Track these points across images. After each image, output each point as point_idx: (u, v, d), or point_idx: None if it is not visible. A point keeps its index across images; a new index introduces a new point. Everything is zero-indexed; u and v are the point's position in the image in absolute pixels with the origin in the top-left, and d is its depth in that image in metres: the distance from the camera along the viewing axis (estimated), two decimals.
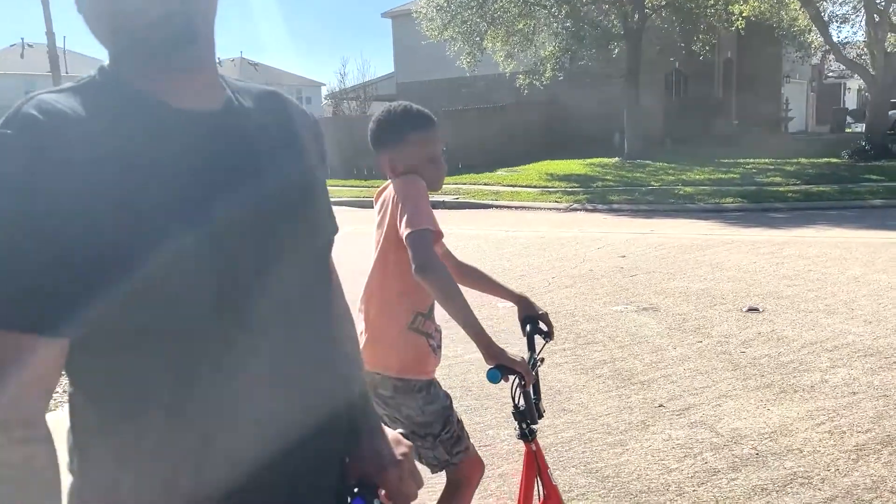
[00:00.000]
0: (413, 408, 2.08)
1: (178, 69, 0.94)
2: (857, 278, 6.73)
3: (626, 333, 5.41)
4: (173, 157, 0.90)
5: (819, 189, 13.21)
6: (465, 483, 2.17)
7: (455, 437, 2.12)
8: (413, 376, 2.08)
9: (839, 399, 3.98)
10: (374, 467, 1.12)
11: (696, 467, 3.31)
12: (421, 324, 2.08)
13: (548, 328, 2.21)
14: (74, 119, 0.85)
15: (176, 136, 0.92)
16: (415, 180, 2.04)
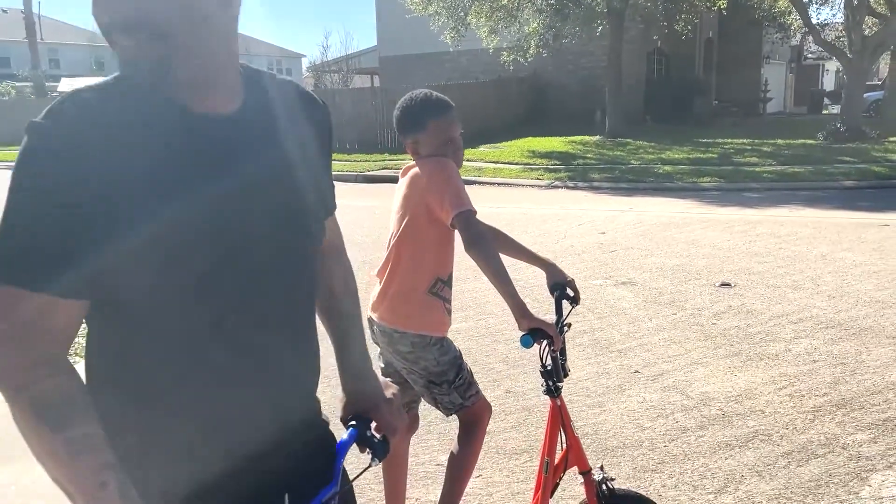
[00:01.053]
0: (430, 360, 2.35)
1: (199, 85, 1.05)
2: (824, 256, 7.07)
3: (604, 305, 5.69)
4: (187, 157, 1.02)
5: (794, 170, 13.56)
6: (477, 423, 2.45)
7: (467, 383, 2.40)
8: (430, 333, 2.34)
9: (801, 366, 4.30)
10: (368, 404, 1.32)
11: (667, 426, 3.60)
12: (440, 289, 2.35)
13: (574, 294, 2.44)
14: (104, 118, 0.98)
15: (193, 138, 1.04)
16: (446, 163, 2.30)
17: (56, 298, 0.96)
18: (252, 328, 1.10)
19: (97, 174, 0.95)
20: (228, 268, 1.07)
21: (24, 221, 0.95)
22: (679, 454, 3.31)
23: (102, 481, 0.95)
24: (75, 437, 0.95)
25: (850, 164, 13.82)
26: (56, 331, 0.99)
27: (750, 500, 2.91)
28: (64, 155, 0.94)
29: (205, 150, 1.05)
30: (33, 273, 0.95)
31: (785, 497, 2.92)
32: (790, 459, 3.22)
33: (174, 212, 0.99)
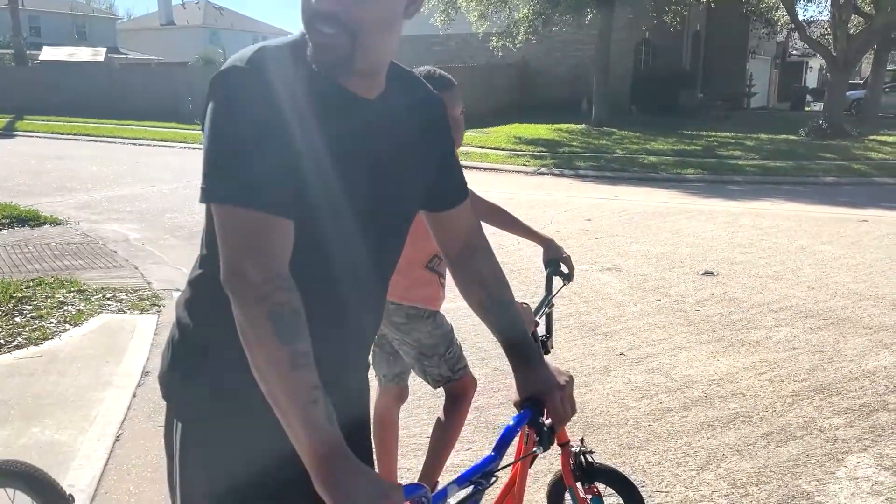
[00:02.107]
0: (423, 332, 2.42)
1: (363, 74, 1.21)
2: (804, 248, 7.22)
3: (590, 290, 5.78)
4: (342, 123, 1.19)
5: (776, 164, 13.75)
6: (463, 396, 2.51)
7: (456, 357, 2.47)
8: (425, 306, 2.40)
9: (780, 353, 4.42)
10: (542, 388, 1.35)
11: (651, 406, 3.69)
12: (436, 265, 2.41)
13: (569, 270, 2.50)
14: (289, 72, 1.14)
15: (343, 110, 1.20)
16: None
17: (281, 219, 1.09)
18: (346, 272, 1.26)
19: (284, 114, 1.10)
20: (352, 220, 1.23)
21: (241, 150, 1.08)
22: (663, 433, 3.41)
23: (315, 398, 1.02)
24: (298, 351, 1.03)
25: (831, 161, 14.04)
26: (284, 248, 1.10)
27: (731, 477, 3.01)
28: (262, 93, 1.10)
29: (351, 122, 1.20)
30: (265, 195, 1.08)
31: (764, 475, 3.03)
32: (769, 440, 3.33)
33: (323, 158, 1.15)
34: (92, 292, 5.40)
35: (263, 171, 1.08)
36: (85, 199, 10.37)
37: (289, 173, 1.11)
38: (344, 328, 1.30)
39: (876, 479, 2.99)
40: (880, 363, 4.24)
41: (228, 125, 1.09)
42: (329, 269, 1.24)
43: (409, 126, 1.30)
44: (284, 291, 1.06)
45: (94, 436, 3.18)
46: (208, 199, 1.10)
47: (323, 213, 1.18)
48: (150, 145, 18.46)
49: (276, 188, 1.09)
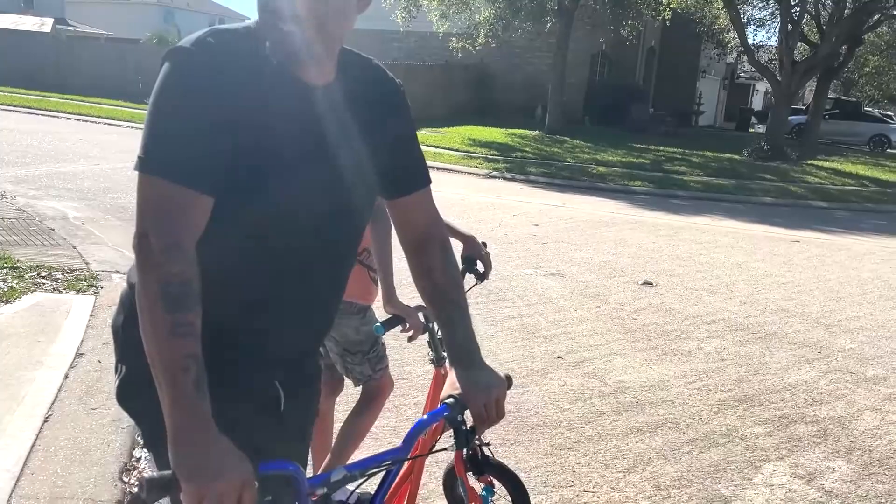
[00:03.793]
0: (350, 327, 2.43)
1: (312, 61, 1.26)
2: (739, 265, 7.49)
3: (533, 294, 5.89)
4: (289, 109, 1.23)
5: (719, 182, 14.20)
6: (379, 395, 2.56)
7: (379, 356, 2.51)
8: (355, 300, 2.41)
9: (710, 364, 4.59)
10: (469, 389, 1.34)
11: (585, 409, 3.80)
12: (365, 257, 2.42)
13: (484, 269, 2.54)
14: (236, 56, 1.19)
15: (293, 96, 1.24)
16: None
17: (195, 192, 1.15)
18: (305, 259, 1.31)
19: (227, 96, 1.16)
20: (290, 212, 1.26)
21: (174, 125, 1.15)
22: (594, 435, 3.51)
23: (186, 366, 1.08)
24: (179, 320, 1.10)
25: (770, 182, 14.57)
26: (192, 221, 1.16)
27: (655, 480, 3.13)
28: (205, 75, 1.15)
29: (297, 108, 1.25)
30: (184, 169, 1.14)
31: (686, 479, 3.15)
32: (694, 446, 3.47)
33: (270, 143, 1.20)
34: (26, 269, 5.24)
35: (185, 147, 1.14)
36: (23, 173, 10.01)
37: (217, 153, 1.15)
38: (298, 305, 1.33)
39: (790, 487, 3.15)
40: (801, 377, 4.45)
41: (161, 100, 1.15)
42: (277, 248, 1.27)
43: (361, 111, 1.32)
44: (179, 263, 1.12)
45: (22, 416, 3.10)
46: (136, 167, 1.16)
47: (268, 194, 1.21)
48: (95, 122, 17.92)
49: (196, 165, 1.14)
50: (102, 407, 3.32)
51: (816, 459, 3.41)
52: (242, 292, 1.29)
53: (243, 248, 1.26)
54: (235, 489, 1.04)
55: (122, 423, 3.20)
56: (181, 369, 1.08)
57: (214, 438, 1.07)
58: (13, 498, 2.54)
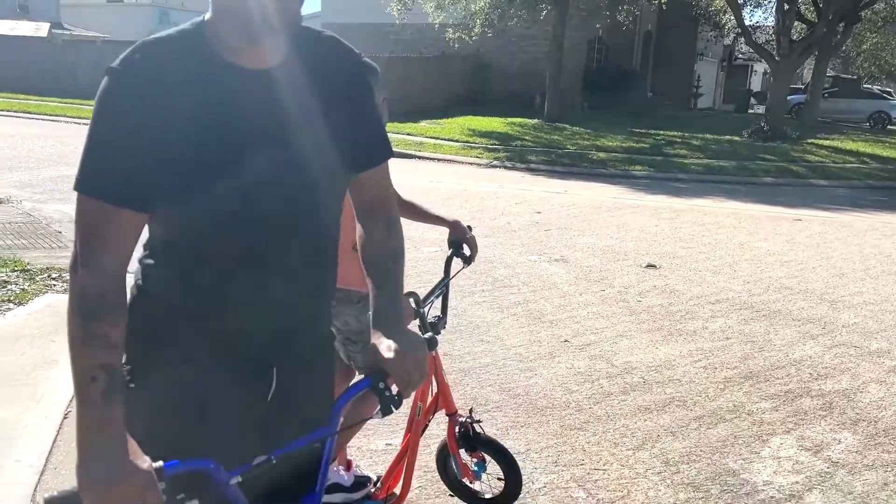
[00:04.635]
0: (350, 315, 2.45)
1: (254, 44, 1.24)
2: (742, 245, 7.53)
3: (538, 280, 5.94)
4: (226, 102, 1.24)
5: (719, 164, 14.21)
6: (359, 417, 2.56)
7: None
8: (353, 287, 2.43)
9: (715, 342, 4.64)
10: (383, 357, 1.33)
11: (593, 390, 3.86)
12: None
13: (471, 252, 2.57)
14: (164, 66, 1.21)
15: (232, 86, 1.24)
16: None
17: (119, 209, 1.19)
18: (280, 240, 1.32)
19: (156, 111, 1.19)
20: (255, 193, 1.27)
21: (102, 146, 1.19)
22: (603, 415, 3.57)
23: (94, 376, 1.12)
24: (93, 332, 1.14)
25: (771, 162, 14.58)
26: (113, 236, 1.20)
27: (664, 456, 3.19)
28: (131, 95, 1.19)
29: (241, 98, 1.25)
30: (111, 188, 1.18)
31: (695, 454, 3.21)
32: (701, 422, 3.52)
33: (207, 146, 1.22)
34: (36, 272, 5.30)
35: (110, 166, 1.18)
36: (27, 178, 10.06)
37: (144, 168, 1.18)
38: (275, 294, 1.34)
39: (797, 459, 3.20)
40: (806, 353, 4.50)
41: (93, 122, 1.20)
42: (242, 238, 1.29)
43: (314, 91, 1.31)
44: (95, 277, 1.17)
45: (42, 413, 3.17)
46: (74, 188, 1.20)
47: (219, 188, 1.23)
48: None
49: (119, 182, 1.18)
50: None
51: (823, 431, 3.46)
52: (217, 280, 1.30)
53: (207, 240, 1.28)
54: (135, 493, 1.06)
55: None
56: (90, 378, 1.12)
57: (115, 443, 1.09)
58: (38, 492, 2.61)
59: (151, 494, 1.07)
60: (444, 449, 2.72)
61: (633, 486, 2.94)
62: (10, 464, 2.73)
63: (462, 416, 2.62)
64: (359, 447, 3.12)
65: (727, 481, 2.99)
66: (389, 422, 3.26)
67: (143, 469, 1.08)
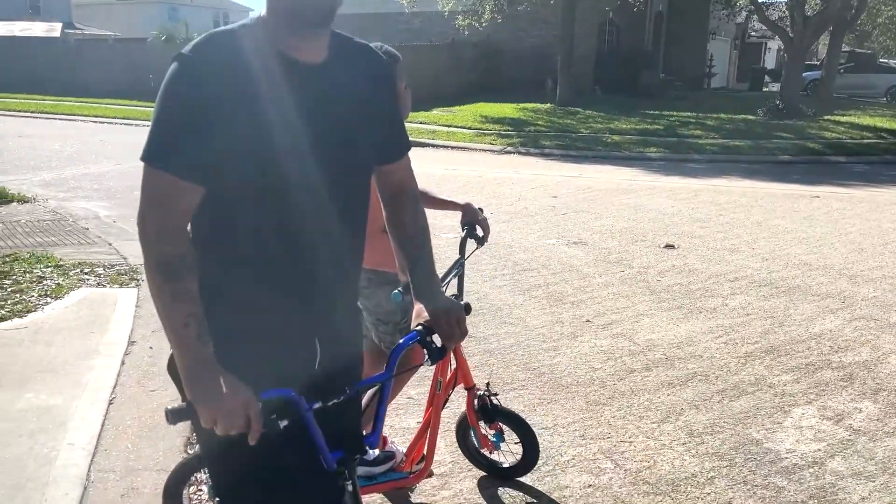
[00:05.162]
0: (382, 297, 2.55)
1: (308, 37, 1.40)
2: (759, 223, 7.56)
3: (557, 263, 6.02)
4: (284, 92, 1.38)
5: (735, 143, 14.16)
6: (407, 365, 2.68)
7: (409, 328, 2.62)
8: (386, 269, 2.53)
9: (735, 319, 4.71)
10: (432, 315, 1.62)
11: (616, 367, 3.94)
12: None
13: (483, 233, 2.66)
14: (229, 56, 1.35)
15: (288, 79, 1.39)
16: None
17: (184, 182, 1.34)
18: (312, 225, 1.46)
19: (219, 95, 1.32)
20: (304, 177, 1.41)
21: (167, 123, 1.33)
22: (627, 391, 3.66)
23: (186, 323, 1.32)
24: (177, 288, 1.33)
25: (787, 140, 14.50)
26: (181, 207, 1.36)
27: (688, 428, 3.28)
28: (200, 79, 1.33)
29: (300, 89, 1.39)
30: (176, 162, 1.33)
31: (719, 426, 3.29)
32: (724, 395, 3.60)
33: (264, 130, 1.37)
34: (69, 267, 5.45)
35: (179, 142, 1.32)
36: (50, 177, 10.25)
37: (209, 147, 1.32)
38: (319, 269, 1.50)
39: (819, 428, 3.28)
40: (826, 327, 4.56)
41: (162, 102, 1.33)
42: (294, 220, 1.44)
43: (356, 88, 1.49)
44: (169, 242, 1.33)
45: (88, 400, 3.31)
46: (140, 158, 1.34)
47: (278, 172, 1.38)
48: (112, 123, 18.17)
49: (186, 158, 1.32)
50: (161, 389, 3.51)
51: (844, 401, 3.54)
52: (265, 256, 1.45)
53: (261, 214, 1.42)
54: (242, 407, 1.28)
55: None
56: (183, 326, 1.32)
57: (217, 373, 1.31)
58: (92, 472, 2.74)
59: (253, 408, 1.28)
60: (464, 422, 2.84)
61: (659, 456, 3.04)
62: (63, 447, 2.87)
63: (480, 389, 2.72)
64: (391, 425, 3.23)
65: (751, 450, 3.08)
66: (419, 401, 3.37)
67: (244, 387, 1.31)
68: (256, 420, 1.29)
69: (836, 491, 2.78)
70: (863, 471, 2.92)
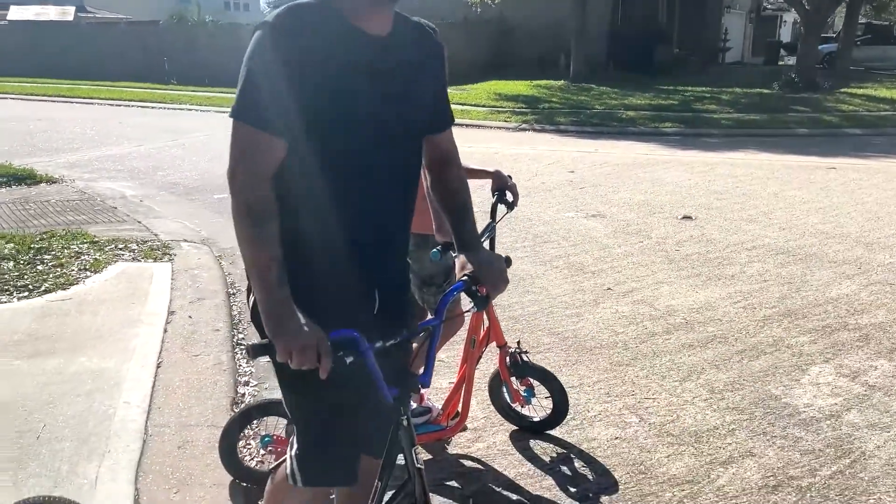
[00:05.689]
0: (425, 260, 2.70)
1: (378, 10, 1.54)
2: (776, 194, 7.63)
3: (577, 235, 6.14)
4: (357, 61, 1.52)
5: (751, 117, 14.14)
6: (450, 325, 2.83)
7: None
8: (429, 233, 2.68)
9: (753, 285, 4.82)
10: (477, 266, 1.76)
11: (637, 331, 4.08)
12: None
13: (513, 198, 2.81)
14: (307, 25, 1.49)
15: (359, 48, 1.53)
16: None
17: (270, 136, 1.47)
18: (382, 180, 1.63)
19: (300, 60, 1.46)
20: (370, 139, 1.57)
21: (254, 83, 1.46)
22: (649, 352, 3.80)
23: (269, 266, 1.46)
24: (262, 233, 1.47)
25: (804, 114, 14.45)
26: (266, 159, 1.49)
27: (709, 385, 3.42)
28: (281, 45, 1.46)
29: (365, 56, 1.54)
30: (262, 117, 1.46)
31: (738, 383, 3.43)
32: (743, 356, 3.73)
33: (343, 88, 1.50)
34: (104, 243, 5.64)
35: (264, 99, 1.45)
36: (74, 158, 10.46)
37: (291, 104, 1.45)
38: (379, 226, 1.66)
39: (835, 385, 3.41)
40: (843, 291, 4.66)
41: (248, 64, 1.46)
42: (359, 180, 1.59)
43: (415, 58, 1.64)
44: (258, 190, 1.47)
45: (137, 364, 3.49)
46: (229, 115, 1.47)
47: (347, 134, 1.53)
48: (129, 106, 18.35)
49: (272, 113, 1.45)
50: (203, 354, 3.69)
51: (859, 360, 3.66)
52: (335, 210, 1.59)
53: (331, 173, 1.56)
54: (314, 343, 1.42)
55: (222, 367, 3.57)
56: (266, 269, 1.46)
57: (294, 313, 1.46)
58: (149, 427, 2.92)
59: (324, 345, 1.43)
60: (497, 378, 3.00)
61: (681, 411, 3.18)
62: (120, 405, 3.05)
63: (511, 347, 2.88)
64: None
65: (770, 405, 3.22)
66: (450, 364, 3.53)
67: (316, 327, 1.45)
68: (327, 355, 1.43)
69: (851, 441, 2.92)
70: (878, 422, 3.05)
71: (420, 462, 1.58)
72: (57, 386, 3.23)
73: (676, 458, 2.82)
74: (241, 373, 3.57)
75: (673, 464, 2.78)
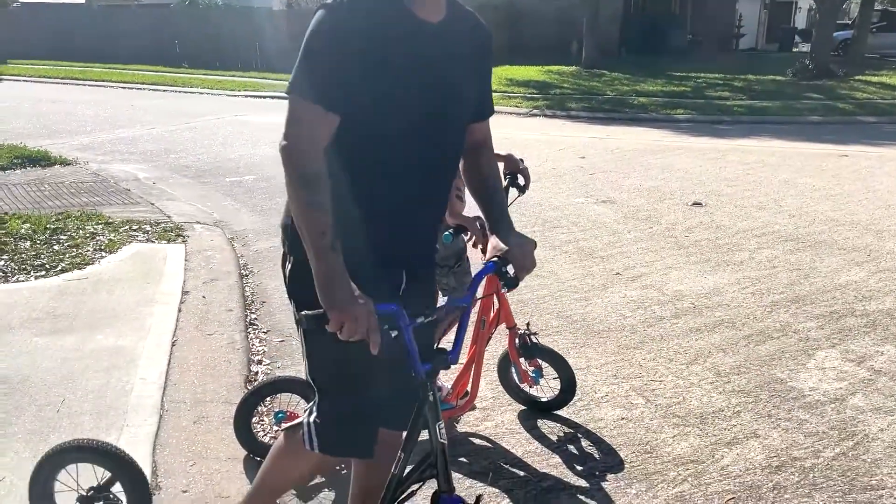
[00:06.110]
0: (440, 242, 2.74)
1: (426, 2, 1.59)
2: (786, 181, 7.62)
3: (587, 220, 6.16)
4: (410, 46, 1.58)
5: (764, 105, 14.04)
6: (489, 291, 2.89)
7: (465, 271, 2.88)
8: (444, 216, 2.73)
9: (762, 271, 4.84)
10: (507, 248, 1.79)
11: (646, 315, 4.12)
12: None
13: (525, 181, 2.85)
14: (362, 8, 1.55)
15: (411, 35, 1.59)
16: None
17: (324, 110, 1.53)
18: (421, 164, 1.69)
19: (357, 41, 1.52)
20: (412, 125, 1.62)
21: (311, 60, 1.52)
22: (656, 336, 3.84)
23: (323, 231, 1.50)
24: (316, 200, 1.51)
25: (817, 101, 14.35)
26: (320, 131, 1.55)
27: (716, 369, 3.45)
28: (340, 26, 1.53)
29: (420, 42, 1.60)
30: (319, 92, 1.52)
31: (745, 367, 3.47)
32: (750, 340, 3.77)
33: (391, 73, 1.57)
34: (118, 224, 5.71)
35: (321, 75, 1.51)
36: (86, 141, 10.55)
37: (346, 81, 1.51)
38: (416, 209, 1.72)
39: (841, 369, 3.44)
40: (851, 278, 4.68)
41: (308, 42, 1.51)
42: (403, 162, 1.64)
43: (465, 47, 1.70)
44: (311, 160, 1.51)
45: (153, 342, 3.56)
46: (286, 90, 1.54)
47: (396, 114, 1.58)
48: (141, 89, 18.44)
49: (327, 89, 1.51)
50: (217, 333, 3.76)
51: (866, 346, 3.68)
52: (372, 189, 1.64)
53: (376, 153, 1.61)
54: (365, 315, 1.46)
55: (236, 346, 3.64)
56: (320, 234, 1.49)
57: (348, 283, 1.49)
58: (165, 402, 2.99)
59: (372, 318, 1.46)
60: (506, 359, 3.05)
61: (688, 393, 3.22)
62: (136, 381, 3.13)
63: (521, 328, 2.93)
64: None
65: (775, 388, 3.25)
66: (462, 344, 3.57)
67: (367, 299, 1.49)
68: (376, 329, 1.47)
69: (856, 423, 2.95)
70: (882, 406, 3.09)
71: (444, 437, 1.62)
72: (75, 362, 3.30)
73: (682, 439, 2.87)
74: (254, 352, 3.64)
75: (678, 444, 2.83)
